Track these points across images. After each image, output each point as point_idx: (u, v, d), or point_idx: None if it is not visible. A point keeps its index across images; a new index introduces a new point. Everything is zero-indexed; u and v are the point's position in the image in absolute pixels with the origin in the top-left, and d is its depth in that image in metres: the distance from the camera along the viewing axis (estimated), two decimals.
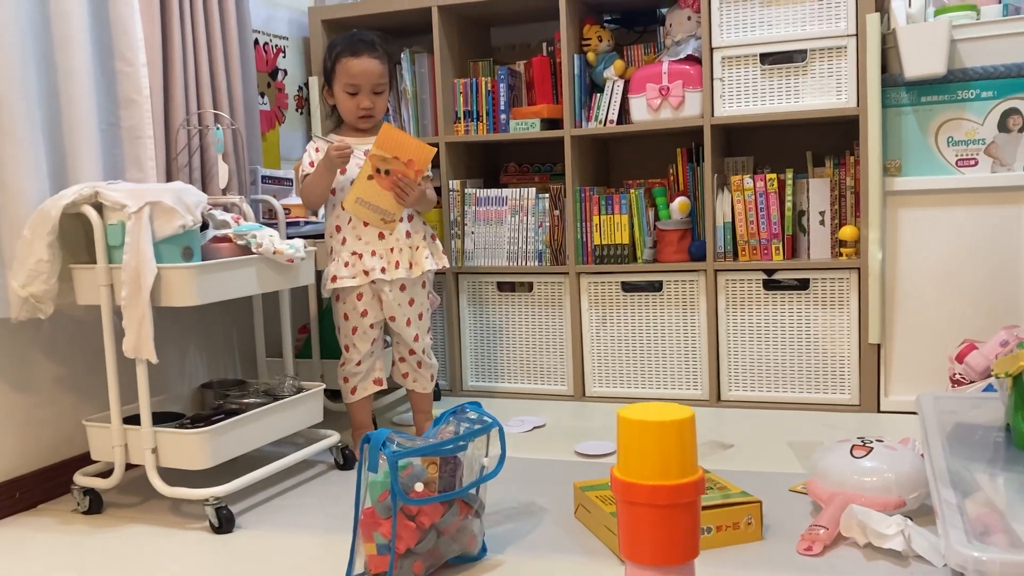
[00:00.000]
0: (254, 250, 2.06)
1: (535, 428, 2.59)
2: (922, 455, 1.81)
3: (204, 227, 2.09)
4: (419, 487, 1.50)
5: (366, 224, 2.29)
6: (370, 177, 2.24)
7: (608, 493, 1.78)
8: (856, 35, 2.55)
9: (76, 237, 2.05)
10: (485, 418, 1.65)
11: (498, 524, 1.84)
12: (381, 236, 2.31)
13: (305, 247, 2.18)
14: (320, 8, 3.07)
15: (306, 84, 3.16)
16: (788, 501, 1.90)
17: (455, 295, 3.00)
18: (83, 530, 1.94)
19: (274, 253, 2.07)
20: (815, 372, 2.66)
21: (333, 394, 2.71)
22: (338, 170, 2.28)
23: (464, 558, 1.65)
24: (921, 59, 2.45)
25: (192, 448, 1.91)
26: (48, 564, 1.76)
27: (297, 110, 3.12)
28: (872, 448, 1.78)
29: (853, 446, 1.81)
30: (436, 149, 2.32)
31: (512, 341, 2.98)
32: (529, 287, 2.94)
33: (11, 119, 1.96)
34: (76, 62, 2.13)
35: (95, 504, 2.03)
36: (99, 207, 1.92)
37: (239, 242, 2.06)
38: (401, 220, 2.33)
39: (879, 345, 2.57)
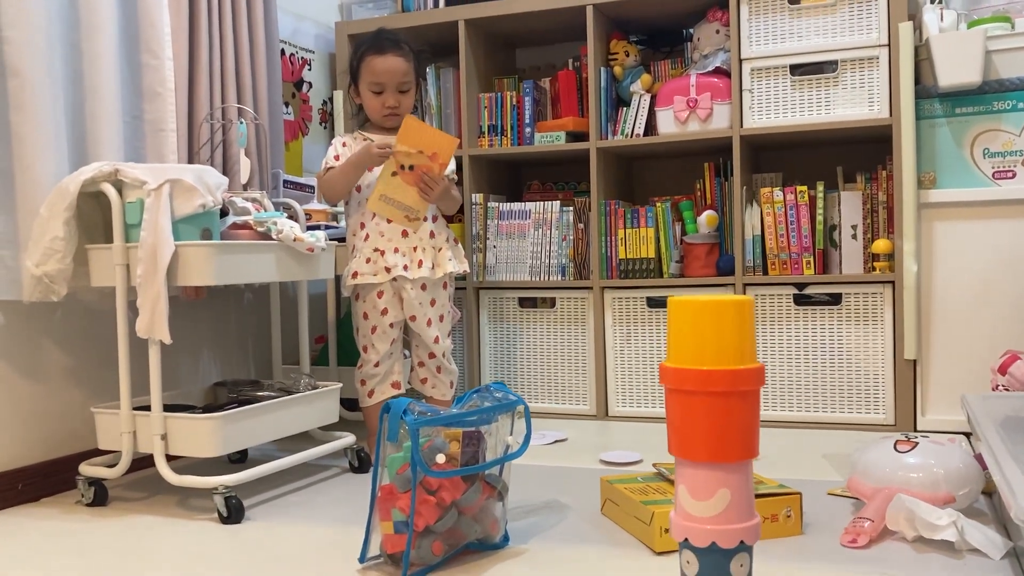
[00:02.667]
0: (274, 237, 2.01)
1: (556, 442, 2.49)
2: (976, 455, 1.71)
3: (224, 214, 2.05)
4: (440, 458, 1.42)
5: (390, 221, 2.25)
6: (394, 174, 2.21)
7: (639, 485, 1.69)
8: (888, 45, 2.51)
9: (93, 221, 2.01)
10: (510, 396, 1.57)
11: (521, 518, 1.75)
12: (404, 234, 2.26)
13: (327, 239, 2.13)
14: (347, 23, 3.08)
15: (330, 99, 3.15)
16: (827, 503, 1.79)
17: (475, 311, 2.93)
18: (86, 519, 1.86)
19: (294, 240, 2.02)
20: (848, 390, 2.56)
21: (349, 405, 2.63)
22: (368, 172, 2.25)
23: (486, 545, 1.56)
24: (956, 68, 2.41)
25: (203, 434, 1.83)
26: (49, 549, 1.67)
27: (321, 124, 3.10)
28: (917, 443, 1.69)
29: (897, 441, 1.71)
30: (459, 139, 2.29)
31: (533, 358, 2.90)
32: (551, 303, 2.87)
33: (34, 100, 1.94)
34: (102, 50, 2.12)
35: (100, 496, 1.95)
36: (118, 186, 1.88)
37: (259, 228, 2.02)
38: (425, 219, 2.28)
39: (915, 361, 2.48)
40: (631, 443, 2.43)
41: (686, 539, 0.93)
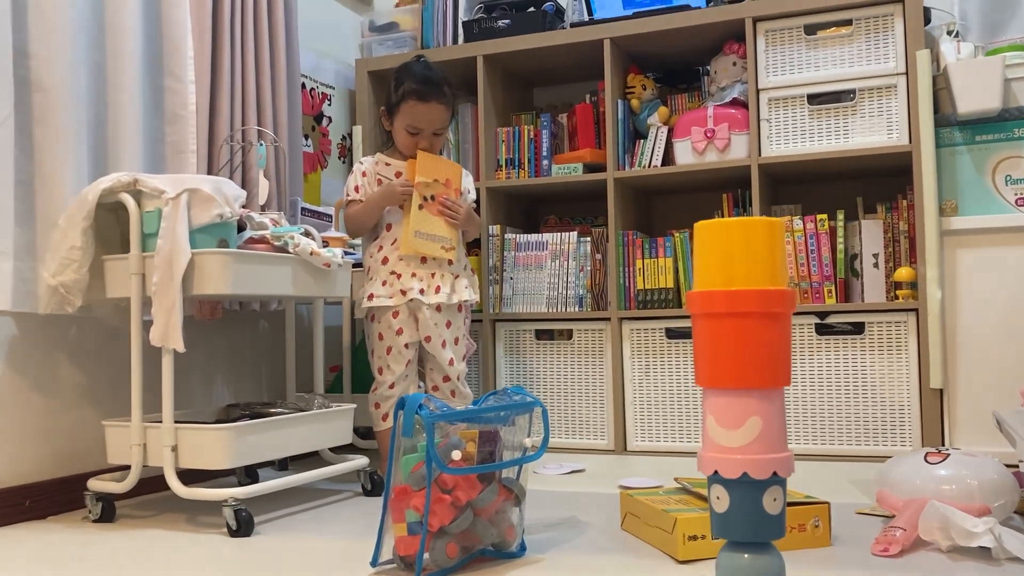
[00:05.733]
0: (291, 250, 2.00)
1: (574, 472, 2.43)
2: (1015, 472, 1.65)
3: (241, 229, 2.05)
4: (456, 455, 1.38)
5: (424, 261, 2.24)
6: (420, 207, 2.22)
7: (661, 497, 1.64)
8: (906, 73, 2.52)
9: (111, 235, 2.01)
10: (528, 398, 1.53)
11: (539, 532, 1.69)
12: (423, 260, 2.25)
13: (344, 256, 2.13)
14: (367, 60, 3.12)
15: (349, 134, 3.17)
16: (856, 521, 1.73)
17: (491, 343, 2.90)
18: (92, 532, 1.81)
19: (311, 254, 2.01)
20: (873, 421, 2.50)
21: (363, 433, 2.59)
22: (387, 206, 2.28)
23: (502, 552, 1.50)
24: (974, 95, 2.40)
25: (214, 446, 1.80)
26: (52, 560, 1.62)
27: (340, 158, 3.13)
28: (949, 455, 1.63)
29: (927, 453, 1.66)
30: (461, 166, 2.35)
31: (550, 392, 2.85)
32: (568, 335, 2.84)
33: (57, 115, 1.97)
34: (126, 72, 2.15)
35: (107, 512, 1.91)
36: (137, 196, 1.88)
37: (276, 243, 2.01)
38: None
39: (941, 390, 2.42)
40: (651, 475, 2.36)
41: (715, 471, 0.89)
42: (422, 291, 2.24)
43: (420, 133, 2.27)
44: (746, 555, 0.91)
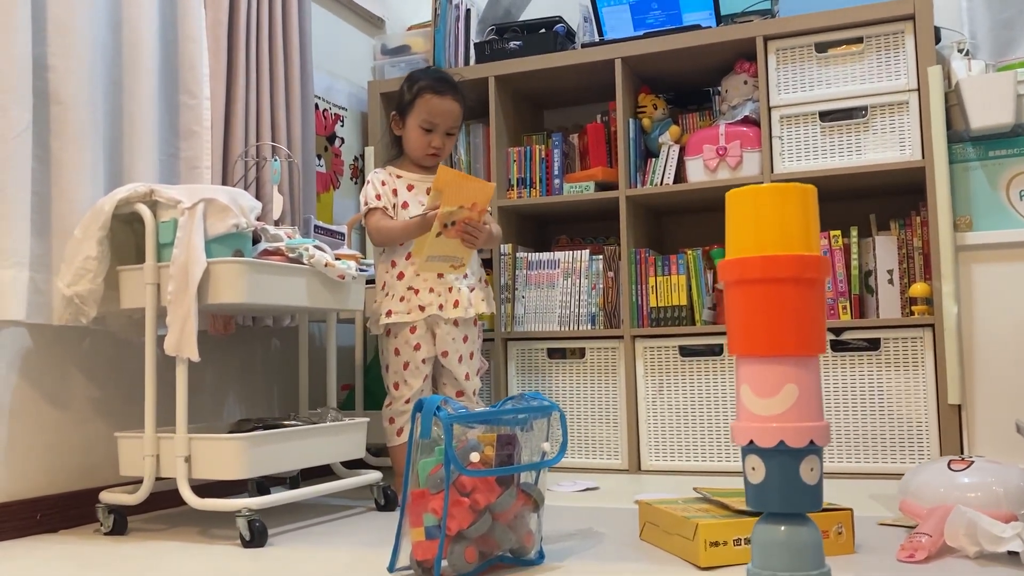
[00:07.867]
0: (305, 261, 2.00)
1: (588, 490, 2.40)
2: None
3: (256, 241, 2.05)
4: (475, 457, 1.36)
5: (441, 276, 2.23)
6: (439, 234, 2.19)
7: (680, 506, 1.62)
8: (918, 90, 2.52)
9: (126, 247, 2.01)
10: (545, 403, 1.52)
11: (557, 541, 1.67)
12: (440, 275, 2.25)
13: (358, 268, 2.12)
14: (379, 82, 3.14)
15: (361, 155, 3.19)
16: (879, 532, 1.70)
17: (503, 362, 2.88)
18: (104, 544, 1.79)
19: (325, 266, 2.01)
20: (890, 438, 2.47)
21: (375, 452, 2.58)
22: (403, 209, 2.28)
23: (520, 559, 1.48)
24: (987, 110, 2.41)
25: (228, 456, 1.78)
26: (63, 570, 1.60)
27: (352, 179, 3.14)
28: (972, 462, 1.61)
29: (951, 460, 1.63)
30: (494, 184, 2.31)
31: (563, 410, 2.82)
32: (581, 353, 2.82)
33: (75, 127, 1.97)
34: (142, 88, 2.16)
35: (119, 525, 1.89)
36: (153, 207, 1.89)
37: (290, 255, 2.01)
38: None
39: (959, 406, 2.39)
40: (667, 493, 2.33)
41: (751, 441, 0.87)
42: (441, 307, 2.23)
43: (434, 130, 2.28)
44: (782, 527, 0.89)
